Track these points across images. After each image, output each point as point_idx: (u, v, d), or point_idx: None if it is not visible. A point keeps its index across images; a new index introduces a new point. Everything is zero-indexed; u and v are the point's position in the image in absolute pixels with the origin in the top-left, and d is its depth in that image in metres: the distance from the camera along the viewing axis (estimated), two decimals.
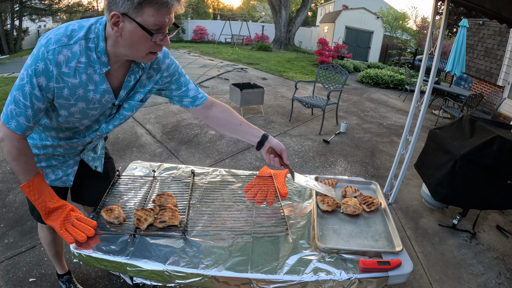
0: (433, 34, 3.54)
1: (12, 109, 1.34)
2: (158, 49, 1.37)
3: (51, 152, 1.72)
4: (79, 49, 1.31)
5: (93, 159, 1.93)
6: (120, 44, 1.31)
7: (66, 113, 1.46)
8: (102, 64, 1.37)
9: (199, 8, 38.14)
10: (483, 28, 10.45)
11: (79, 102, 1.42)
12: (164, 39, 1.33)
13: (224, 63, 13.15)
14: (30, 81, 1.29)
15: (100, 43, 1.33)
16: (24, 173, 1.46)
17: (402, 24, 25.62)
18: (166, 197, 1.84)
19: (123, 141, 5.13)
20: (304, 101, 6.52)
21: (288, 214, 1.88)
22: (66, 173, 1.82)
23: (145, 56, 1.36)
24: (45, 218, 1.52)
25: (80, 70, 1.34)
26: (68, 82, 1.34)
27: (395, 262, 1.52)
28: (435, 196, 3.38)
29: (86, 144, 1.77)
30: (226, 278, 1.44)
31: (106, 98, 1.49)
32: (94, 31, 1.33)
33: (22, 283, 2.53)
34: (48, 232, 2.13)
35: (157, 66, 1.60)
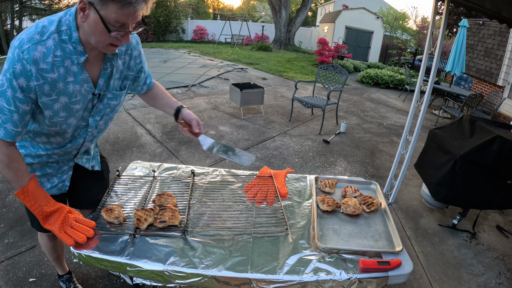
0: (433, 34, 3.53)
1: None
2: (119, 43, 1.37)
3: (45, 160, 1.71)
4: (53, 44, 1.31)
5: (87, 161, 1.92)
6: (85, 30, 1.32)
7: (51, 113, 1.44)
8: (79, 54, 1.38)
9: (199, 8, 38.12)
10: (483, 28, 10.44)
11: (61, 96, 1.42)
12: (125, 36, 1.34)
13: (224, 63, 13.14)
14: (10, 85, 1.29)
15: (73, 34, 1.34)
16: (17, 179, 1.45)
17: (402, 24, 25.61)
18: (166, 197, 1.84)
19: (123, 141, 5.13)
20: (304, 101, 6.51)
21: (288, 214, 1.88)
22: (61, 179, 1.82)
23: (105, 47, 1.37)
24: (43, 223, 1.51)
25: (57, 64, 1.34)
26: (47, 77, 1.34)
27: (395, 262, 1.52)
28: (435, 196, 3.38)
29: (79, 147, 1.77)
30: (226, 278, 1.44)
31: (85, 88, 1.48)
32: (64, 23, 1.34)
33: (22, 283, 2.52)
34: (48, 239, 2.13)
35: (130, 52, 1.63)
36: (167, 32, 23.61)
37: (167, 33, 23.68)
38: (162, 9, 22.90)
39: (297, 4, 30.77)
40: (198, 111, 6.90)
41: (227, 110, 7.18)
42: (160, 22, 22.75)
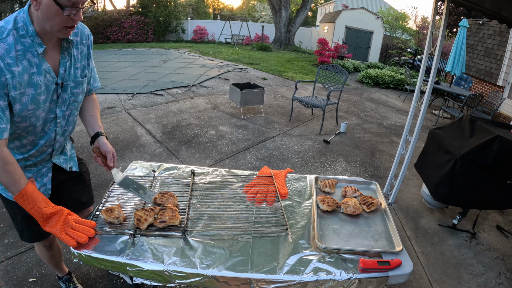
0: (433, 34, 3.53)
1: None
2: (72, 23, 1.45)
3: (23, 164, 1.71)
4: (13, 39, 1.40)
5: (65, 161, 1.93)
6: (40, 19, 1.41)
7: (20, 106, 1.47)
8: (37, 45, 1.46)
9: (199, 8, 38.12)
10: (483, 28, 10.44)
11: (27, 88, 1.47)
12: (77, 13, 1.43)
13: (224, 63, 13.14)
14: None
15: (29, 28, 1.43)
16: (15, 183, 1.45)
17: (402, 24, 25.63)
18: (168, 196, 1.85)
19: (123, 141, 5.14)
20: (304, 101, 6.52)
21: (288, 214, 1.88)
22: (42, 183, 1.82)
23: (61, 30, 1.45)
24: (44, 225, 1.52)
25: (20, 58, 1.42)
26: (14, 71, 1.40)
27: (395, 262, 1.52)
28: (435, 196, 3.38)
29: (53, 143, 1.77)
30: (226, 278, 1.44)
31: (48, 78, 1.55)
32: (20, 20, 1.43)
33: (22, 283, 2.52)
34: (45, 249, 2.15)
35: (86, 41, 1.74)
36: (167, 32, 23.61)
37: (167, 33, 23.68)
38: (162, 9, 22.90)
39: (297, 4, 30.79)
40: (198, 111, 6.91)
41: (227, 110, 7.19)
42: (160, 22, 22.75)
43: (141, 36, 21.70)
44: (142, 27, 21.82)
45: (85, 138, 5.11)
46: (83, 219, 1.63)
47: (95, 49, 17.35)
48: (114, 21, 21.30)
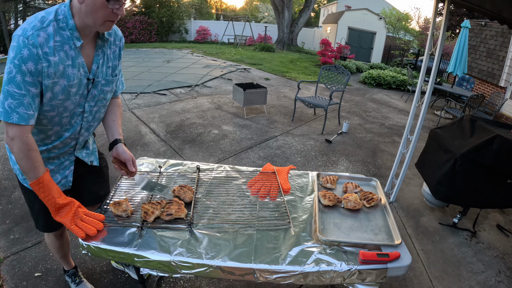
0: (434, 35, 3.57)
1: (9, 104, 1.42)
2: (114, 18, 1.51)
3: (46, 156, 1.77)
4: (53, 30, 1.44)
5: (87, 155, 1.99)
6: (83, 12, 1.45)
7: (51, 95, 1.52)
8: (76, 39, 1.51)
9: (202, 9, 38.20)
10: (485, 29, 10.46)
11: (61, 79, 1.51)
12: (120, 8, 1.48)
13: (227, 63, 13.18)
14: (19, 70, 1.39)
15: (69, 21, 1.47)
16: (34, 169, 1.52)
17: (404, 25, 25.62)
18: (186, 190, 1.91)
19: (127, 140, 5.19)
20: (306, 101, 6.56)
21: (291, 208, 1.93)
22: (64, 175, 1.88)
23: (103, 24, 1.50)
24: (55, 215, 1.58)
25: (58, 48, 1.46)
26: (50, 60, 1.44)
27: (394, 255, 1.57)
28: (436, 194, 3.41)
29: (77, 137, 1.82)
30: (231, 268, 1.49)
31: (81, 72, 1.59)
32: (61, 13, 1.47)
33: (28, 278, 2.57)
34: (55, 238, 2.20)
35: (118, 43, 1.80)
36: (170, 32, 23.67)
37: (170, 33, 23.74)
38: (165, 9, 22.97)
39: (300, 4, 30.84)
40: (201, 111, 6.96)
41: (230, 109, 7.24)
42: (163, 22, 22.81)
43: (144, 36, 21.76)
44: (145, 27, 21.88)
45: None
46: (92, 212, 1.68)
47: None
48: (117, 21, 21.32)
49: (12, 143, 1.48)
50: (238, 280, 2.65)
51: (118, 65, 1.84)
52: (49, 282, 2.54)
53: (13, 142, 1.47)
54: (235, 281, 2.65)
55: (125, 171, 1.84)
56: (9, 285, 2.50)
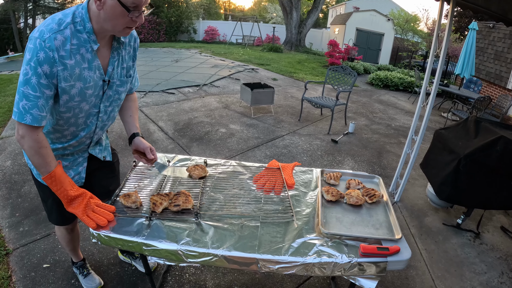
0: (440, 37, 3.60)
1: (24, 105, 1.45)
2: (133, 25, 1.52)
3: (61, 153, 1.84)
4: (70, 33, 1.46)
5: (100, 151, 2.05)
6: (101, 18, 1.46)
7: (67, 97, 1.56)
8: (92, 42, 1.53)
9: (210, 9, 38.30)
10: (493, 31, 10.41)
11: (77, 82, 1.55)
12: (139, 16, 1.49)
13: (235, 63, 13.23)
14: (35, 72, 1.41)
15: (86, 24, 1.49)
16: (45, 165, 1.56)
17: (413, 27, 25.48)
18: (198, 168, 2.08)
19: None
20: (313, 101, 6.60)
21: (294, 203, 1.98)
22: (77, 171, 1.94)
23: (122, 30, 1.52)
24: (67, 206, 1.64)
25: (74, 51, 1.49)
26: (66, 64, 1.47)
27: (394, 249, 1.61)
28: (439, 195, 3.43)
29: (92, 136, 1.88)
30: (235, 257, 1.55)
31: (97, 74, 1.63)
32: (78, 15, 1.49)
33: (36, 269, 2.63)
34: (66, 232, 2.25)
35: (133, 44, 1.83)
36: (179, 32, 23.77)
37: (179, 33, 23.84)
38: (174, 9, 23.08)
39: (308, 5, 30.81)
40: (209, 110, 7.03)
41: (238, 109, 7.29)
42: (171, 22, 22.93)
43: (153, 36, 21.91)
44: (154, 27, 22.02)
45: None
46: (104, 203, 1.74)
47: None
48: None
49: (23, 141, 1.52)
50: (242, 273, 2.71)
51: (132, 65, 1.87)
52: (57, 273, 2.60)
53: (23, 140, 1.51)
54: (239, 274, 2.70)
55: (145, 160, 1.92)
56: (17, 275, 2.56)
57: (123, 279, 2.61)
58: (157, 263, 2.68)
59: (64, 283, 2.51)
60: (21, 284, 2.49)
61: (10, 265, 2.66)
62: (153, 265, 2.70)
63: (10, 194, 3.59)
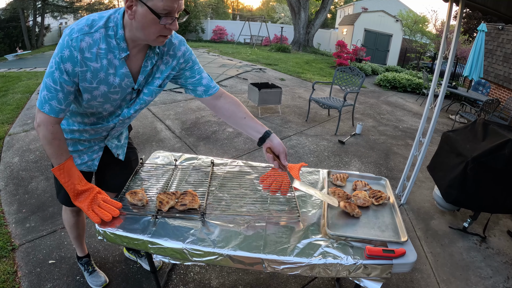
0: (448, 38, 3.58)
1: (45, 95, 1.49)
2: (167, 33, 1.47)
3: (77, 137, 1.85)
4: (99, 37, 1.45)
5: (116, 147, 2.06)
6: (134, 27, 1.43)
7: (89, 96, 1.58)
8: (121, 50, 1.50)
9: (218, 8, 38.42)
10: (502, 33, 10.32)
11: (101, 85, 1.55)
12: (173, 23, 1.42)
13: (242, 63, 13.25)
14: (58, 68, 1.43)
15: (119, 31, 1.47)
16: (57, 156, 1.59)
17: (421, 28, 25.35)
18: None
19: (143, 135, 5.29)
20: (321, 102, 6.59)
21: (300, 203, 1.98)
22: (91, 158, 1.96)
23: (156, 39, 1.47)
24: (74, 200, 1.65)
25: (101, 56, 1.48)
26: (90, 66, 1.47)
27: (400, 251, 1.60)
28: (446, 197, 3.41)
29: (110, 130, 1.89)
30: (240, 257, 1.55)
31: (126, 82, 1.61)
32: (113, 20, 1.47)
33: (42, 265, 2.66)
34: (72, 215, 2.26)
35: (173, 53, 1.72)
36: (187, 31, 23.86)
37: (187, 32, 23.93)
38: None
39: (316, 6, 30.76)
40: None
41: None
42: None
43: None
44: None
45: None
46: (111, 199, 1.74)
47: None
48: None
49: (39, 129, 1.55)
50: (246, 273, 2.72)
51: (170, 75, 1.77)
52: (63, 269, 2.63)
53: (39, 128, 1.54)
54: (244, 274, 2.71)
55: (277, 163, 1.82)
56: (23, 271, 2.59)
57: (128, 276, 2.63)
58: (162, 261, 2.69)
59: (69, 279, 2.53)
60: (27, 280, 2.51)
61: (16, 261, 2.69)
62: (158, 263, 2.71)
63: (17, 190, 3.63)
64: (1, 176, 3.92)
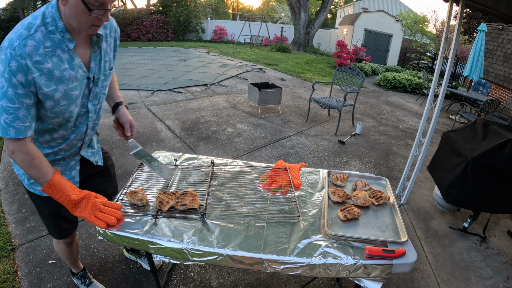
0: (448, 38, 3.58)
1: (4, 119, 1.38)
2: (100, 23, 1.44)
3: (52, 158, 1.75)
4: (41, 36, 1.38)
5: (92, 154, 1.96)
6: (67, 14, 1.38)
7: (52, 103, 1.49)
8: (68, 41, 1.45)
9: (218, 8, 38.42)
10: (502, 33, 10.31)
11: (59, 85, 1.48)
12: (105, 14, 1.41)
13: (243, 63, 13.24)
14: (10, 84, 1.34)
15: (58, 23, 1.40)
16: (42, 175, 1.51)
17: (421, 28, 25.33)
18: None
19: (143, 135, 5.29)
20: (321, 102, 6.59)
21: (301, 203, 1.98)
22: (70, 176, 1.86)
23: (88, 28, 1.43)
24: (73, 211, 1.60)
25: (49, 54, 1.41)
26: (42, 69, 1.40)
27: (400, 251, 1.61)
28: (446, 198, 3.41)
29: (83, 137, 1.81)
30: (240, 257, 1.55)
31: (80, 73, 1.56)
32: (48, 15, 1.40)
33: (42, 264, 2.66)
34: (65, 246, 2.17)
35: (113, 34, 1.75)
36: (187, 31, 23.83)
37: (187, 32, 23.90)
38: (182, 8, 23.15)
39: (317, 6, 30.75)
40: (217, 109, 7.04)
41: (245, 109, 7.30)
42: (180, 21, 22.99)
43: (161, 35, 21.98)
44: (162, 26, 22.10)
45: (107, 132, 5.29)
46: (110, 202, 1.72)
47: None
48: (135, 20, 21.63)
49: (14, 156, 1.47)
50: (247, 273, 2.72)
51: (114, 56, 1.81)
52: (63, 269, 2.63)
53: (14, 155, 1.47)
54: (244, 274, 2.71)
55: (121, 132, 1.88)
56: (23, 271, 2.59)
57: (128, 276, 2.63)
58: (162, 261, 2.69)
59: (69, 279, 2.53)
60: (27, 280, 2.51)
61: (16, 261, 2.69)
62: (158, 263, 2.71)
63: (18, 190, 3.62)
64: (1, 176, 3.92)
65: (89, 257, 2.80)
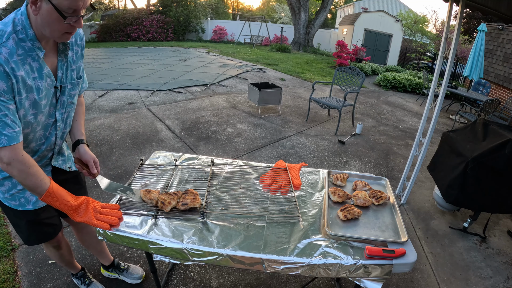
0: (448, 38, 3.58)
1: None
2: (72, 30, 1.43)
3: None
4: (13, 43, 1.35)
5: (63, 162, 1.91)
6: (39, 23, 1.36)
7: (23, 112, 1.46)
8: (38, 50, 1.43)
9: (218, 8, 38.41)
10: (502, 33, 10.31)
11: (30, 93, 1.45)
12: (78, 21, 1.40)
13: (243, 63, 13.24)
14: None
15: (28, 32, 1.38)
16: (41, 184, 1.49)
17: (421, 28, 25.33)
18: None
19: (143, 135, 5.29)
20: (321, 102, 6.59)
21: (300, 203, 1.98)
22: None
23: (61, 36, 1.43)
24: (75, 217, 1.59)
25: (21, 62, 1.38)
26: (18, 76, 1.37)
27: (400, 251, 1.61)
28: (446, 197, 3.41)
29: (53, 147, 1.77)
30: (241, 257, 1.55)
31: (48, 82, 1.53)
32: (18, 23, 1.38)
33: (42, 265, 2.66)
34: (54, 249, 2.11)
35: (80, 43, 1.73)
36: (187, 31, 23.84)
37: (187, 32, 23.91)
38: (182, 8, 23.16)
39: (317, 5, 30.76)
40: (216, 109, 7.04)
41: (245, 109, 7.30)
42: (180, 21, 23.01)
43: (161, 35, 21.99)
44: (162, 26, 22.11)
45: (107, 131, 5.29)
46: (107, 203, 1.73)
47: (116, 46, 17.66)
48: (135, 20, 21.65)
49: (10, 168, 1.42)
50: (247, 273, 2.72)
51: (81, 65, 1.77)
52: (63, 269, 2.62)
53: (10, 166, 1.41)
54: (244, 274, 2.71)
55: (86, 172, 1.80)
56: (23, 271, 2.59)
57: None
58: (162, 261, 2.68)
59: (69, 279, 2.53)
60: (27, 280, 2.51)
61: (16, 261, 2.69)
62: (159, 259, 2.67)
63: None
64: None
65: (89, 257, 2.79)
